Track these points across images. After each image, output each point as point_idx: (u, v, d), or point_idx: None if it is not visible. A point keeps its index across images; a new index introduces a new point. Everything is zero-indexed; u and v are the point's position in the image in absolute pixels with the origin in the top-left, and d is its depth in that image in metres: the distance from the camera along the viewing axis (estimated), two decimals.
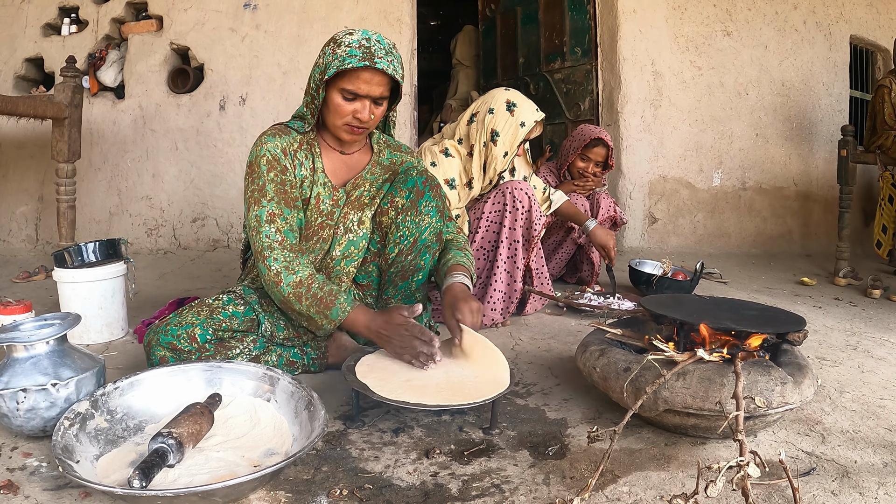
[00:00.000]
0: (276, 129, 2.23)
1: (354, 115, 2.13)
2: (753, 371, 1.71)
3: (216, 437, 1.65)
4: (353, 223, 2.33)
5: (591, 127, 4.05)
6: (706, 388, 1.69)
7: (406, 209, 2.29)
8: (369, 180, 2.35)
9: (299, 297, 2.07)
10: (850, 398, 2.21)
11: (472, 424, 1.93)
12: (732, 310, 2.05)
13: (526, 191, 3.09)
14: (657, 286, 3.63)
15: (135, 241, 5.23)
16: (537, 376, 2.40)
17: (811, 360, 2.64)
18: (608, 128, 5.75)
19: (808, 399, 1.77)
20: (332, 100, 2.13)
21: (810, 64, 6.41)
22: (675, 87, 5.80)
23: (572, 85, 5.96)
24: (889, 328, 3.38)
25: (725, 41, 6.00)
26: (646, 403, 1.75)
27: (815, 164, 6.44)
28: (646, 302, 2.06)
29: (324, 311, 2.07)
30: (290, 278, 2.07)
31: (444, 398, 1.76)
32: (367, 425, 1.89)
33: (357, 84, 2.07)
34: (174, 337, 2.07)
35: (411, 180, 2.31)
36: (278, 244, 2.10)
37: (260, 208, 2.11)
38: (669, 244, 5.71)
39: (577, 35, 5.90)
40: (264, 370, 1.87)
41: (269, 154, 2.15)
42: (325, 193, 2.27)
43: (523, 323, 3.21)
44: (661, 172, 5.78)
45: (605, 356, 1.93)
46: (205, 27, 5.33)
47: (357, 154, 2.37)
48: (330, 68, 2.04)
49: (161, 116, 5.31)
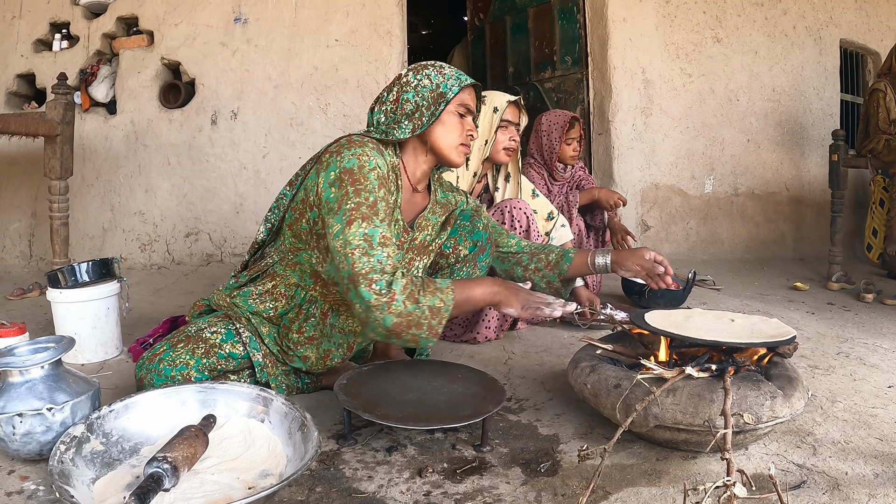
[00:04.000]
0: (375, 145, 2.02)
1: (468, 132, 2.15)
2: (743, 386, 1.72)
3: (211, 458, 1.65)
4: (418, 269, 2.31)
5: (555, 111, 4.05)
6: (696, 405, 1.69)
7: (466, 261, 2.37)
8: (431, 221, 2.31)
9: (413, 297, 1.84)
10: (842, 407, 2.22)
11: (464, 442, 1.92)
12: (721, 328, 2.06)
13: (524, 210, 3.09)
14: (649, 296, 3.63)
15: (128, 257, 5.22)
16: (530, 391, 2.40)
17: (803, 369, 2.65)
18: (599, 136, 5.76)
19: (799, 412, 1.78)
20: (448, 120, 2.12)
21: (801, 69, 6.41)
22: (666, 95, 5.81)
23: (563, 94, 5.97)
24: (881, 333, 3.38)
25: (716, 48, 6.01)
26: (636, 420, 1.76)
27: (807, 168, 6.43)
28: (636, 318, 2.06)
29: (434, 287, 1.89)
30: (398, 284, 1.83)
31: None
32: (361, 444, 1.88)
33: (469, 101, 2.14)
34: (168, 378, 2.00)
35: (478, 234, 2.37)
36: (390, 268, 1.86)
37: (372, 227, 1.86)
38: (662, 252, 5.68)
39: (567, 44, 5.91)
40: (258, 391, 1.87)
41: (380, 170, 1.95)
42: (397, 232, 2.14)
43: (516, 336, 3.20)
44: (653, 180, 5.79)
45: (595, 373, 1.93)
46: (196, 42, 5.32)
47: (421, 195, 2.30)
48: (450, 87, 2.07)
49: (153, 132, 5.29)
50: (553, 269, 2.47)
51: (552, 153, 3.98)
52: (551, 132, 3.99)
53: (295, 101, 5.35)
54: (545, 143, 3.99)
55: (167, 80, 5.42)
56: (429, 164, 2.21)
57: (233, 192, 5.31)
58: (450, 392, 1.94)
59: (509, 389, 2.41)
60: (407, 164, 2.19)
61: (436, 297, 1.86)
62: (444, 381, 2.02)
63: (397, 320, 1.82)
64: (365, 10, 5.41)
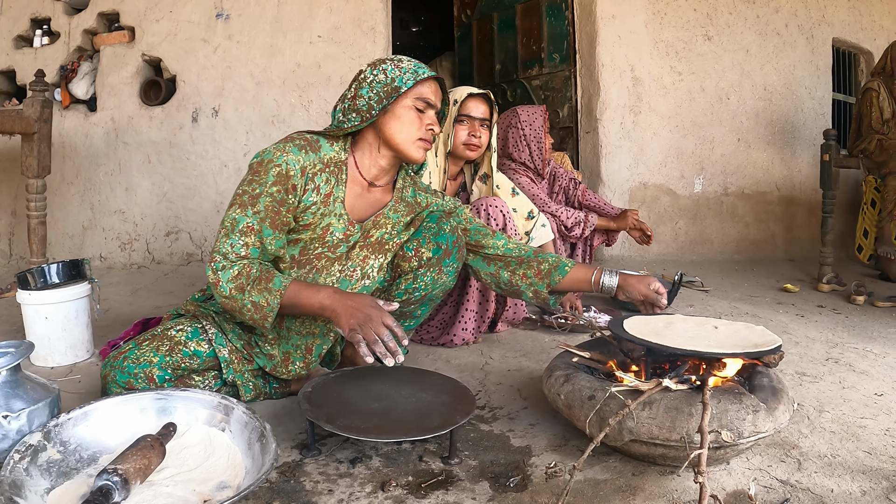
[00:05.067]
0: (306, 142, 2.04)
1: (428, 126, 2.10)
2: (724, 399, 1.63)
3: (169, 469, 1.60)
4: (373, 269, 2.26)
5: (525, 107, 3.92)
6: (673, 419, 1.60)
7: (430, 265, 2.26)
8: (392, 220, 2.26)
9: (241, 287, 1.89)
10: (830, 418, 2.14)
11: (432, 453, 1.83)
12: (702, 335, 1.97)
13: (500, 207, 2.99)
14: None
15: (108, 256, 5.13)
16: (505, 399, 2.31)
17: (790, 377, 2.57)
18: (587, 135, 5.68)
19: (783, 425, 1.69)
20: (404, 114, 2.08)
21: (792, 67, 6.36)
22: (656, 93, 5.73)
23: (550, 92, 5.88)
24: (872, 337, 3.31)
25: (706, 46, 5.93)
26: (611, 434, 1.67)
27: (799, 168, 6.38)
28: (613, 325, 1.97)
29: (266, 285, 1.90)
30: (228, 273, 1.89)
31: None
32: (325, 455, 1.80)
33: (428, 94, 2.09)
34: (131, 375, 1.96)
35: (443, 236, 2.26)
36: (238, 257, 1.92)
37: (241, 214, 1.93)
38: (651, 252, 5.63)
39: (556, 41, 5.82)
40: (219, 399, 1.81)
41: (286, 167, 1.96)
42: (339, 225, 2.12)
43: (495, 340, 3.11)
44: (642, 179, 5.71)
45: (570, 382, 1.84)
46: (177, 38, 5.23)
47: (381, 191, 2.25)
48: (405, 80, 2.04)
49: (133, 129, 5.20)
50: (543, 279, 2.37)
51: (540, 144, 3.83)
52: (534, 122, 3.84)
53: (277, 98, 5.26)
54: (529, 133, 3.82)
55: (148, 77, 5.33)
56: (387, 159, 2.17)
57: (213, 191, 5.21)
58: (418, 401, 1.86)
59: (484, 396, 2.33)
60: (360, 158, 2.17)
61: (262, 296, 1.90)
62: (413, 389, 1.94)
63: (224, 301, 1.92)
64: (349, 6, 5.32)
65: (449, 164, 3.12)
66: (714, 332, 1.95)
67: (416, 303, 2.32)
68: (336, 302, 1.90)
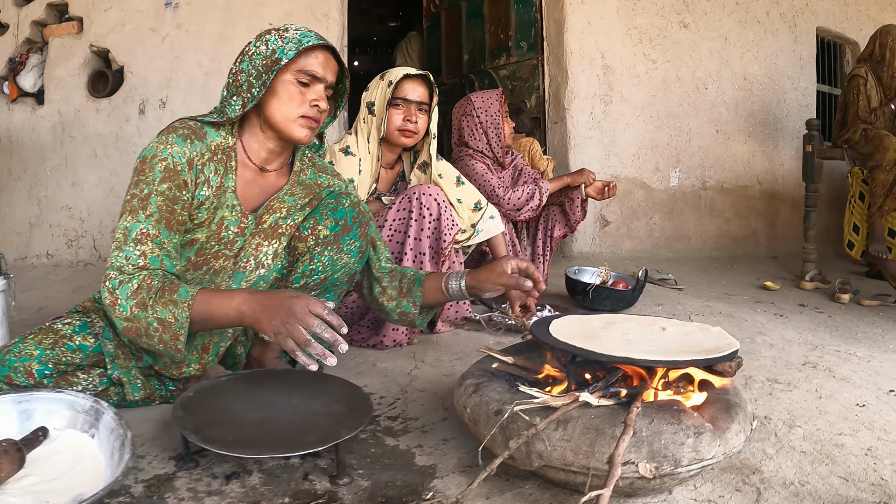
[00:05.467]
0: (190, 131, 1.83)
1: (312, 103, 1.89)
2: (658, 418, 1.30)
3: (31, 477, 1.45)
4: (267, 256, 2.04)
5: (479, 93, 3.66)
6: (592, 441, 1.28)
7: (327, 242, 2.04)
8: (287, 203, 2.05)
9: (143, 303, 1.64)
10: (802, 434, 1.81)
11: (322, 471, 1.57)
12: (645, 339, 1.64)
13: (435, 197, 2.69)
14: (594, 297, 3.22)
15: (55, 254, 4.87)
16: (425, 408, 2.01)
17: (760, 384, 2.25)
18: (555, 125, 5.37)
19: (736, 449, 1.36)
20: (283, 90, 1.87)
21: (774, 57, 6.15)
22: (628, 82, 5.44)
23: (518, 81, 5.59)
24: (856, 338, 3.00)
25: (682, 33, 5.67)
26: (518, 458, 1.34)
27: (781, 161, 6.16)
28: (536, 326, 1.64)
29: (171, 297, 1.64)
30: (126, 288, 1.65)
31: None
32: (201, 468, 1.57)
33: (314, 65, 1.88)
34: (11, 369, 1.78)
35: (341, 211, 2.05)
36: (136, 269, 1.68)
37: (133, 220, 1.71)
38: (623, 249, 5.33)
39: (523, 28, 5.54)
40: (91, 402, 1.64)
41: (172, 160, 1.77)
42: (232, 218, 1.93)
43: (434, 341, 2.81)
44: (614, 172, 5.39)
45: (478, 393, 1.53)
46: (125, 28, 4.97)
47: (275, 174, 2.05)
48: (286, 51, 1.82)
49: (80, 122, 4.94)
50: (406, 298, 2.18)
51: (498, 131, 3.57)
52: (489, 108, 3.58)
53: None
54: (486, 120, 3.56)
55: (96, 69, 5.07)
56: (275, 141, 1.98)
57: None
58: (306, 411, 1.65)
59: (401, 405, 2.04)
60: (247, 142, 1.97)
61: (168, 310, 1.64)
62: (305, 397, 1.73)
63: (126, 325, 1.66)
64: None
65: (383, 152, 2.86)
66: (660, 335, 1.63)
67: (315, 287, 2.08)
68: (254, 304, 1.64)
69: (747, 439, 1.41)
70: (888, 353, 2.78)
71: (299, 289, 2.04)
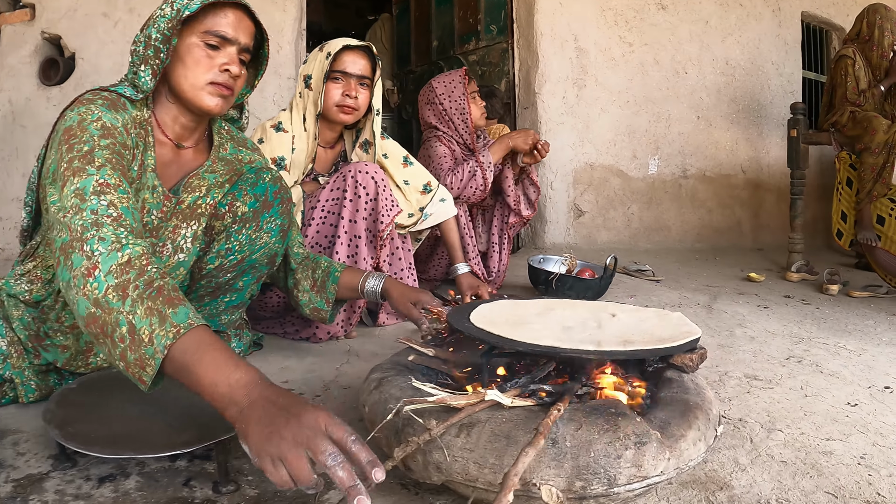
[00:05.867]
0: (109, 101, 1.55)
1: (222, 67, 1.66)
2: (588, 424, 1.01)
3: None
4: (186, 240, 1.83)
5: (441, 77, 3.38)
6: (500, 452, 0.99)
7: (246, 220, 1.85)
8: (207, 180, 1.83)
9: (124, 289, 1.19)
10: (782, 440, 1.52)
11: (207, 476, 1.37)
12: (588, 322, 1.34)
13: (373, 175, 2.42)
14: (558, 286, 2.93)
15: (6, 247, 4.61)
16: (343, 408, 1.76)
17: (737, 381, 1.96)
18: (525, 111, 5.08)
19: (693, 462, 1.07)
20: (188, 53, 1.64)
21: (757, 41, 5.91)
22: (603, 65, 5.15)
23: (487, 66, 5.30)
24: (846, 330, 2.73)
25: (660, 15, 5.40)
26: (416, 469, 1.06)
27: (766, 149, 5.91)
28: (454, 313, 1.35)
29: (161, 306, 1.18)
30: (114, 257, 1.23)
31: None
32: (78, 468, 1.41)
33: (223, 25, 1.64)
34: None
35: (261, 186, 1.86)
36: (112, 220, 1.30)
37: (84, 178, 1.36)
38: (599, 239, 5.04)
39: (493, 11, 5.25)
40: None
41: (108, 120, 1.52)
42: (154, 201, 1.70)
43: (376, 335, 2.55)
44: (588, 160, 5.10)
45: (379, 390, 1.24)
46: (77, 13, 4.75)
47: (192, 151, 1.84)
48: (190, 5, 1.59)
49: (31, 111, 4.72)
50: (320, 293, 2.02)
51: (464, 115, 3.28)
52: (452, 91, 3.29)
53: None
54: (450, 106, 3.29)
55: (48, 56, 4.84)
56: (187, 114, 1.75)
57: None
58: (189, 406, 1.41)
59: (319, 403, 1.74)
60: (160, 115, 1.74)
61: (150, 320, 1.16)
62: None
63: (91, 311, 1.20)
64: None
65: (322, 129, 2.59)
66: (608, 323, 1.34)
67: (232, 269, 1.88)
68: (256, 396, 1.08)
69: (709, 449, 1.12)
70: (881, 345, 2.50)
71: (213, 270, 1.85)
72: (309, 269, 2.02)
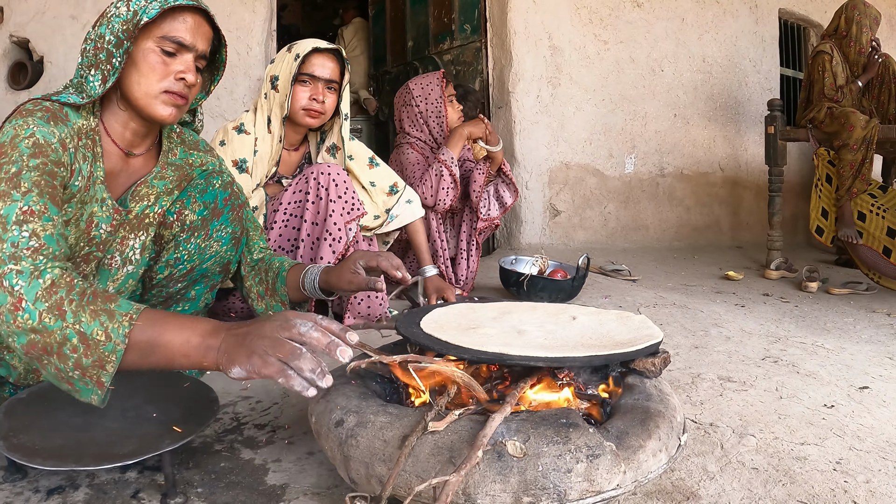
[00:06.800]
0: (49, 113, 1.45)
1: (178, 76, 1.57)
2: (537, 436, 0.93)
3: None
4: (135, 251, 1.74)
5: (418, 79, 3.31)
6: (444, 465, 0.91)
7: (194, 228, 1.78)
8: (156, 188, 1.74)
9: (59, 307, 1.18)
10: (755, 445, 1.45)
11: (157, 487, 1.32)
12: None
13: (335, 175, 2.35)
14: (529, 288, 2.85)
15: None
16: (300, 415, 1.68)
17: (710, 384, 1.89)
18: (499, 110, 5.00)
19: (652, 475, 0.99)
20: (143, 59, 1.53)
21: (734, 38, 5.88)
22: (577, 64, 5.08)
23: (462, 66, 5.22)
24: (825, 328, 2.68)
25: (635, 13, 5.35)
26: (358, 481, 0.98)
27: (744, 146, 5.89)
28: (404, 319, 1.27)
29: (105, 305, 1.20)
30: (36, 285, 1.20)
31: None
32: (28, 479, 1.38)
33: (181, 30, 1.54)
34: None
35: (211, 193, 1.78)
36: (32, 251, 1.25)
37: (8, 204, 1.28)
38: (576, 239, 4.97)
39: (466, 10, 5.17)
40: None
41: (41, 136, 1.41)
42: (103, 214, 1.61)
43: None
44: (563, 159, 5.03)
45: (326, 398, 1.17)
46: (45, 16, 4.64)
47: (142, 159, 1.74)
48: (149, 10, 1.48)
49: None
50: (274, 297, 1.90)
51: (440, 119, 3.21)
52: (429, 95, 3.23)
53: None
54: (426, 109, 3.23)
55: (17, 59, 4.75)
56: (138, 120, 1.65)
57: None
58: (136, 416, 1.39)
59: (275, 411, 1.73)
60: (109, 123, 1.64)
61: (99, 321, 1.18)
62: (144, 399, 1.45)
63: (31, 338, 1.18)
64: None
65: (286, 131, 2.52)
66: (565, 327, 1.27)
67: (182, 279, 1.82)
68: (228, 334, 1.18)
69: (671, 459, 1.04)
70: (860, 343, 2.45)
71: (163, 280, 1.79)
72: (262, 274, 1.93)
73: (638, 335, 1.19)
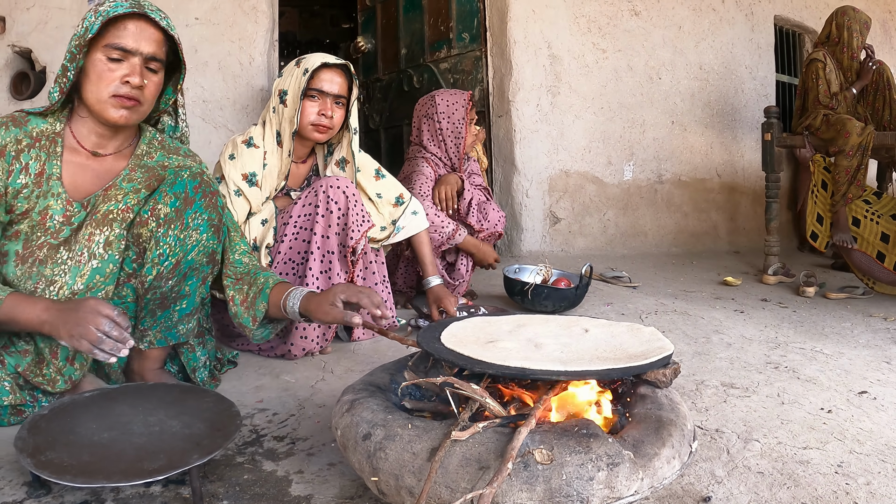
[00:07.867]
0: (10, 119, 1.75)
1: (123, 79, 1.73)
2: (561, 446, 0.98)
3: None
4: (99, 245, 1.84)
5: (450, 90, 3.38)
6: (473, 476, 0.96)
7: (170, 221, 1.84)
8: (125, 189, 1.86)
9: None
10: (759, 450, 1.51)
11: (183, 500, 1.36)
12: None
13: (343, 188, 2.39)
14: (533, 297, 2.91)
15: None
16: (319, 427, 1.73)
17: (713, 391, 1.94)
18: (500, 119, 5.05)
19: (667, 480, 1.05)
20: (93, 68, 1.72)
21: (731, 46, 5.92)
22: (577, 72, 5.13)
23: (460, 74, 5.26)
24: (823, 334, 2.73)
25: (633, 21, 5.39)
26: (388, 493, 1.03)
27: (741, 153, 5.94)
28: (425, 333, 1.33)
29: None
30: None
31: None
32: (53, 495, 1.39)
33: (123, 37, 1.71)
34: None
35: (180, 183, 1.86)
36: None
37: None
38: (576, 247, 5.02)
39: (465, 19, 5.21)
40: None
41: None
42: (57, 207, 1.78)
43: (351, 350, 2.50)
44: (563, 166, 5.08)
45: (351, 412, 1.21)
46: (47, 27, 4.64)
47: (113, 157, 1.90)
48: (94, 24, 1.67)
49: None
50: (248, 310, 1.97)
51: (458, 140, 3.26)
52: (453, 113, 3.27)
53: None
54: (447, 127, 3.26)
55: (19, 69, 4.75)
56: (101, 125, 1.83)
57: None
58: (161, 431, 1.42)
59: (293, 423, 1.77)
60: (76, 128, 1.84)
61: None
62: (168, 414, 1.49)
63: None
64: None
65: (295, 145, 2.56)
66: (579, 339, 1.33)
67: (171, 275, 1.86)
68: (53, 311, 1.60)
69: (684, 465, 1.10)
70: (858, 348, 2.51)
71: (154, 280, 1.86)
72: (245, 284, 1.98)
73: (649, 347, 1.25)
